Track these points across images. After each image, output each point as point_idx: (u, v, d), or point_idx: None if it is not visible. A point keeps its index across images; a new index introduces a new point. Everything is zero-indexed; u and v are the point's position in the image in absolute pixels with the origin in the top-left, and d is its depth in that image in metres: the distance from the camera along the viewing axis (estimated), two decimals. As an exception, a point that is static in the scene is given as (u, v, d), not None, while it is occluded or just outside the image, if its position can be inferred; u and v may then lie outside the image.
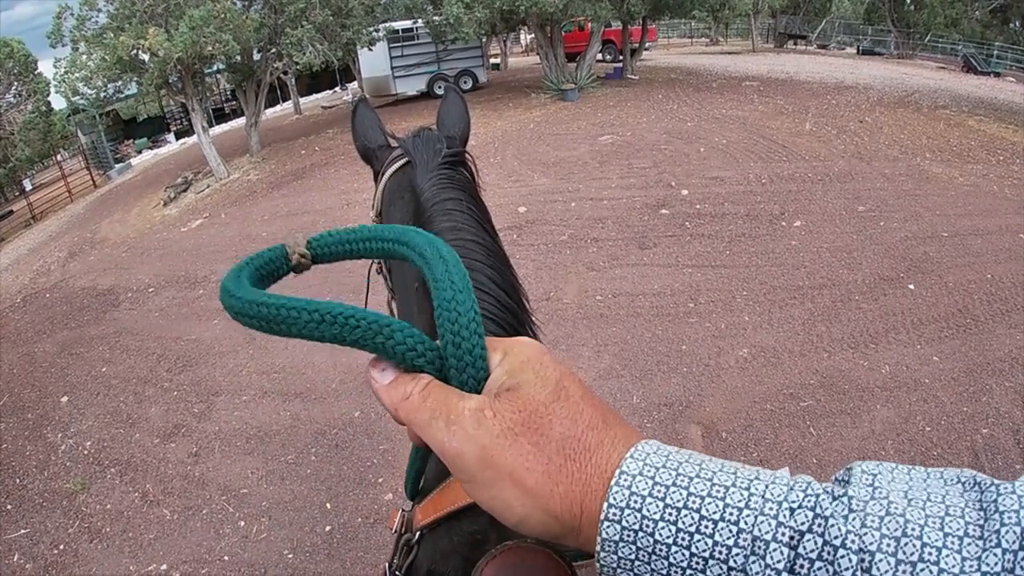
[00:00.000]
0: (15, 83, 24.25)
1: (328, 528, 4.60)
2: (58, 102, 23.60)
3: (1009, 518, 0.38)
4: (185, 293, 9.34)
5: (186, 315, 8.59)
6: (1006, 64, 26.63)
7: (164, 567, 4.58)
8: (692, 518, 0.44)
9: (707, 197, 9.69)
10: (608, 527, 0.46)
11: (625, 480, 0.47)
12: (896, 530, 0.39)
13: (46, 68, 22.98)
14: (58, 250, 14.70)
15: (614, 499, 0.46)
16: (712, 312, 6.69)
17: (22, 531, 5.23)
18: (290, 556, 4.47)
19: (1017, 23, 29.76)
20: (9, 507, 5.55)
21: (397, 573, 0.88)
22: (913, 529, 0.39)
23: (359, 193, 12.05)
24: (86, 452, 6.08)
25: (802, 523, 0.42)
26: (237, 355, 7.23)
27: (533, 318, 1.05)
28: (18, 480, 5.90)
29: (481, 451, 0.49)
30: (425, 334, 0.70)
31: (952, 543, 0.38)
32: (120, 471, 5.72)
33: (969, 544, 0.38)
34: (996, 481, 0.41)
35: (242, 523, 4.84)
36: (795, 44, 37.35)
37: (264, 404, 6.27)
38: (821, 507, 0.42)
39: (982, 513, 0.39)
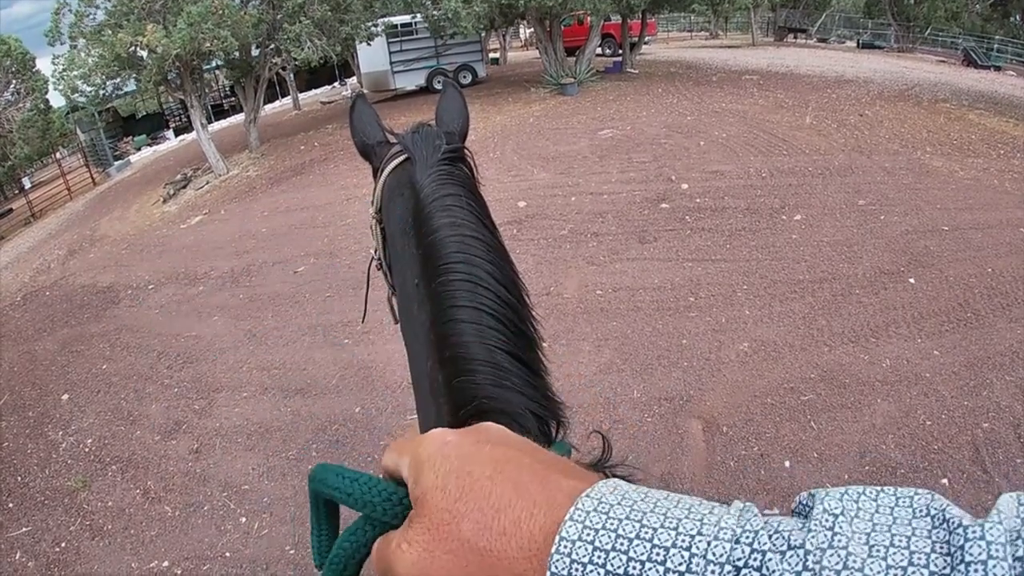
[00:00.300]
0: (13, 81, 24.24)
1: (329, 524, 4.61)
2: (57, 100, 23.60)
3: (975, 571, 0.35)
4: (185, 290, 9.34)
5: (186, 312, 8.59)
6: (1006, 58, 26.60)
7: (166, 564, 4.59)
8: None
9: (707, 191, 9.68)
10: None
11: (565, 547, 0.46)
12: None
13: (44, 66, 22.99)
14: (58, 248, 14.70)
15: (555, 568, 0.45)
16: (712, 306, 6.69)
17: (24, 529, 5.24)
18: (292, 552, 4.48)
19: (1017, 17, 29.71)
20: (11, 505, 5.57)
21: None
22: None
23: (359, 188, 12.05)
24: (87, 450, 6.09)
25: None
26: (237, 351, 7.23)
27: (533, 313, 1.04)
28: (19, 478, 5.91)
29: None
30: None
31: None
32: (121, 468, 5.73)
33: None
34: (965, 521, 0.38)
35: (243, 519, 4.85)
36: (795, 38, 37.32)
37: (265, 400, 6.27)
38: (768, 567, 0.40)
39: (948, 560, 0.37)
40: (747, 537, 0.42)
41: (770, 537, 0.42)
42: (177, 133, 30.94)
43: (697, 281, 7.18)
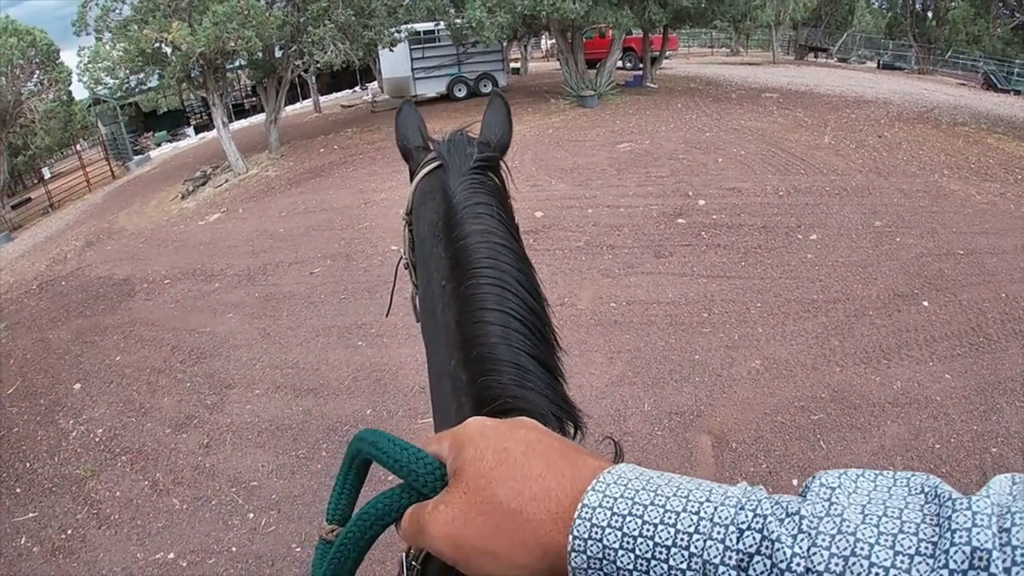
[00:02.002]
0: (37, 72, 24.36)
1: (336, 523, 4.61)
2: (79, 92, 23.79)
3: (960, 537, 0.38)
4: (201, 286, 9.40)
5: (201, 307, 8.64)
6: (1027, 82, 26.47)
7: (171, 556, 4.62)
8: (647, 545, 0.47)
9: (724, 208, 9.67)
10: (576, 557, 0.50)
11: (586, 512, 0.50)
12: (846, 549, 0.40)
13: (69, 58, 23.16)
14: (75, 239, 14.82)
15: (577, 531, 0.50)
16: (726, 323, 6.69)
17: (31, 514, 5.28)
18: (298, 549, 4.50)
19: (1040, 42, 29.53)
20: (18, 490, 5.61)
21: (414, 563, 0.90)
22: (862, 548, 0.40)
23: (377, 192, 12.10)
24: (97, 439, 6.13)
25: (750, 546, 0.44)
26: (251, 349, 7.27)
27: (552, 321, 1.07)
28: (28, 464, 5.96)
29: (446, 539, 0.57)
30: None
31: (901, 562, 0.39)
32: (130, 459, 5.77)
33: (919, 563, 0.38)
34: (955, 495, 0.41)
35: (251, 515, 4.88)
36: (815, 56, 37.27)
37: (277, 398, 6.30)
38: (768, 529, 0.44)
39: (937, 529, 0.39)
40: (751, 504, 0.46)
41: (772, 505, 0.46)
42: (197, 130, 31.15)
43: (711, 297, 7.18)
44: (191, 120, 33.16)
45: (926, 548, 0.39)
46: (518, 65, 33.43)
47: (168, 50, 14.36)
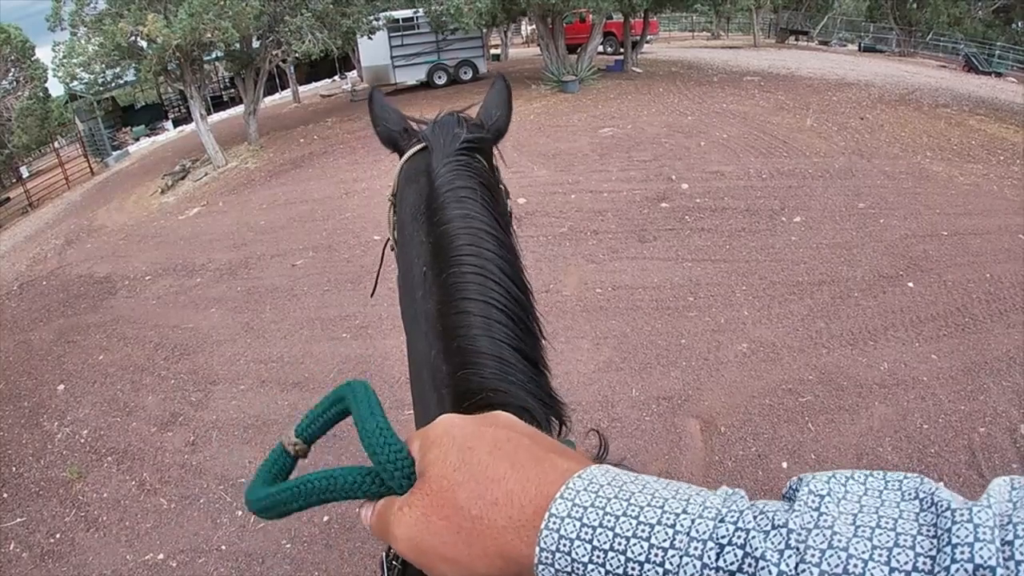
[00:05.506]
0: (12, 69, 24.11)
1: (326, 518, 4.60)
2: (56, 89, 23.52)
3: (961, 553, 0.35)
4: (182, 281, 9.32)
5: (183, 303, 8.57)
6: (1008, 64, 26.62)
7: (161, 556, 4.58)
8: (619, 560, 0.45)
9: (707, 191, 9.67)
10: (543, 570, 0.48)
11: (554, 523, 0.48)
12: (837, 566, 0.38)
13: (44, 55, 22.91)
14: (55, 237, 14.66)
15: (544, 543, 0.48)
16: (711, 306, 6.69)
17: (18, 519, 5.22)
18: (288, 546, 4.47)
19: (1020, 23, 29.76)
20: (5, 495, 5.55)
21: (394, 563, 0.88)
22: (856, 565, 0.37)
23: (358, 182, 12.03)
24: (83, 440, 6.07)
25: (731, 563, 0.41)
26: (235, 344, 7.22)
27: (536, 311, 1.05)
28: (14, 468, 5.89)
29: (408, 543, 0.55)
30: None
31: None
32: (117, 460, 5.71)
33: None
34: (953, 503, 0.38)
35: (239, 512, 4.84)
36: (797, 40, 37.31)
37: (262, 393, 6.26)
38: (751, 545, 0.41)
39: (935, 542, 0.37)
40: (731, 516, 0.43)
41: (755, 517, 0.43)
42: (176, 124, 30.81)
43: (696, 281, 7.18)
44: (169, 114, 32.76)
45: (924, 564, 0.37)
46: (498, 51, 33.33)
47: (144, 43, 14.19)
